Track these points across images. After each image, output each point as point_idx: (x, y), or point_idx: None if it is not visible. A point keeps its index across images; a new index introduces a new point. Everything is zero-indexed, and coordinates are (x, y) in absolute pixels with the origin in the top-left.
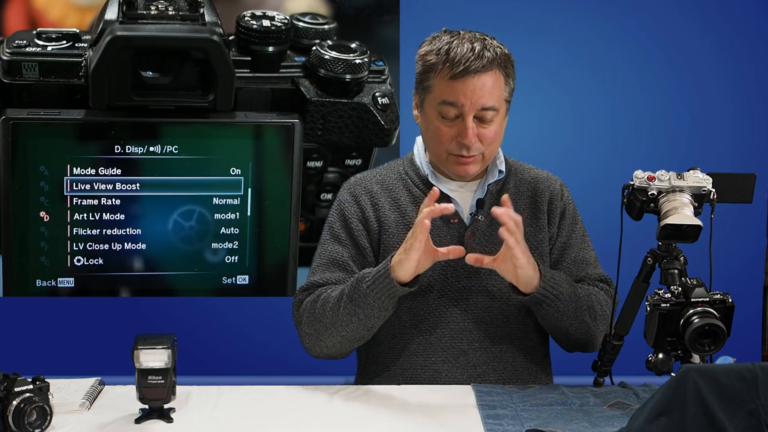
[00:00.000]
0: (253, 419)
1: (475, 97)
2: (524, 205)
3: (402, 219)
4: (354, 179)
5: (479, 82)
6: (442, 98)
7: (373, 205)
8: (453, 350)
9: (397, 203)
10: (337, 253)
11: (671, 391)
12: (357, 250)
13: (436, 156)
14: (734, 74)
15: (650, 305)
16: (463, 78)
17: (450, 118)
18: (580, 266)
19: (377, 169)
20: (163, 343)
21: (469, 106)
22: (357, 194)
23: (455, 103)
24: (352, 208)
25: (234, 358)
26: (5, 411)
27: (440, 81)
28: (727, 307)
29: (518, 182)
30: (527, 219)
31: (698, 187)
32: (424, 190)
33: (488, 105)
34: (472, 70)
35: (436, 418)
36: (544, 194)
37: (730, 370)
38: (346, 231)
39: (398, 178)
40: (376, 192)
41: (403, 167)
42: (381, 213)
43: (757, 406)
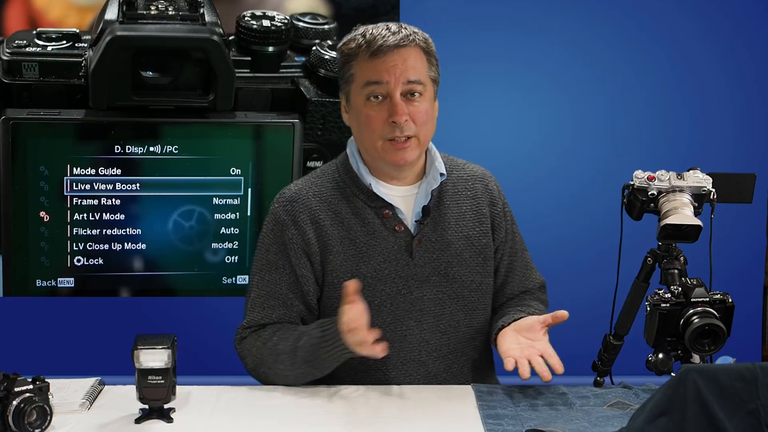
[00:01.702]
0: (253, 419)
1: (398, 72)
2: (466, 207)
3: (347, 234)
4: (289, 194)
5: (400, 57)
6: (366, 79)
7: (313, 224)
8: (413, 362)
9: (338, 218)
10: (274, 285)
11: (671, 391)
12: (295, 278)
13: (371, 149)
14: (734, 74)
15: (650, 305)
16: (383, 55)
17: (378, 101)
18: (527, 273)
19: (310, 178)
20: (163, 343)
21: (394, 81)
22: (296, 214)
23: (380, 81)
24: (290, 232)
25: (234, 358)
26: (5, 411)
27: (361, 64)
28: (727, 307)
29: (456, 181)
30: (470, 221)
31: (698, 187)
32: (365, 200)
33: (413, 78)
34: (391, 45)
35: (436, 418)
36: (484, 196)
37: (730, 370)
38: (284, 257)
39: (335, 188)
40: (316, 208)
41: (339, 175)
42: (323, 232)
43: (757, 406)
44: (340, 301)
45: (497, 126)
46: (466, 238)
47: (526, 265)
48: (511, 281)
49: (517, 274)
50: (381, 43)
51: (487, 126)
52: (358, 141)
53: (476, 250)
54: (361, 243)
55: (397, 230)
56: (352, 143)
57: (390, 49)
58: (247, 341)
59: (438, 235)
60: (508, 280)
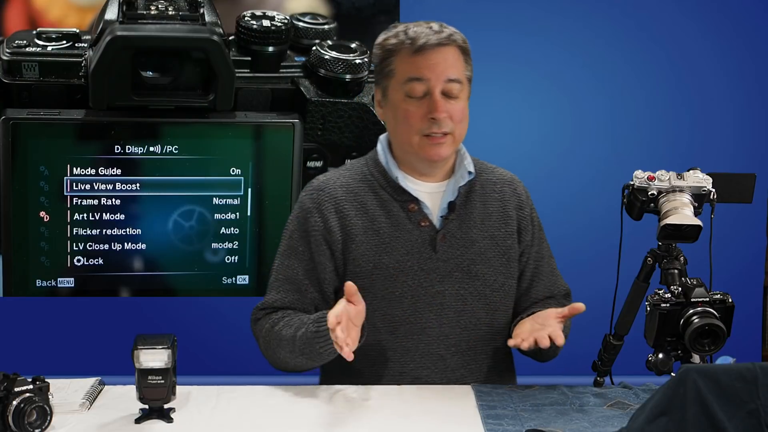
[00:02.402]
0: (253, 419)
1: (439, 70)
2: (493, 208)
3: (371, 225)
4: (317, 183)
5: (441, 56)
6: (407, 76)
7: (338, 213)
8: (431, 356)
9: (364, 208)
10: (292, 270)
11: (671, 391)
12: (313, 265)
13: (406, 144)
14: (734, 74)
15: (650, 305)
16: (426, 52)
17: (417, 97)
18: (553, 279)
19: (339, 170)
20: (163, 343)
21: (435, 78)
22: (321, 202)
23: (421, 78)
24: (313, 219)
25: (234, 358)
26: (5, 411)
27: (403, 60)
28: (727, 307)
29: (484, 183)
30: (496, 222)
31: (698, 187)
32: (391, 193)
33: (453, 77)
34: (434, 43)
35: (436, 418)
36: (512, 199)
37: (730, 370)
38: (304, 243)
39: (363, 180)
40: (341, 198)
41: (368, 168)
42: (347, 221)
43: (757, 406)
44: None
45: (497, 126)
46: (491, 237)
47: (552, 271)
48: (536, 286)
49: (542, 280)
50: (425, 41)
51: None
52: (393, 135)
53: (500, 251)
54: (384, 234)
55: (422, 224)
56: (383, 140)
57: (433, 47)
58: (259, 322)
59: (463, 232)
60: (533, 285)
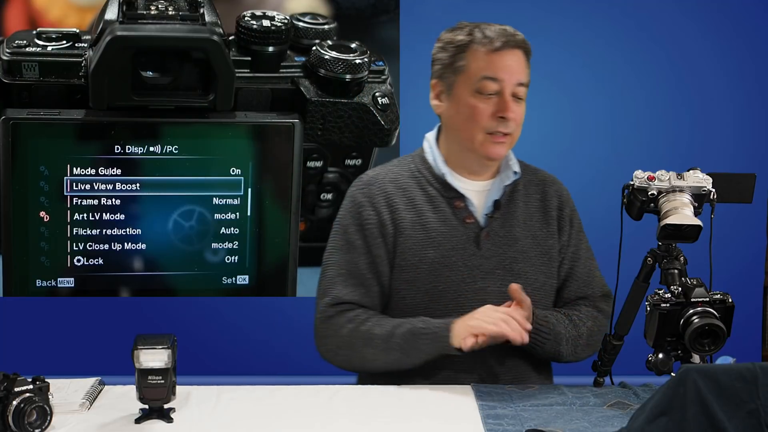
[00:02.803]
0: (253, 419)
1: (512, 71)
2: (534, 208)
3: (418, 219)
4: (367, 178)
5: (515, 58)
6: (482, 74)
7: (388, 206)
8: (471, 352)
9: (412, 202)
10: (354, 265)
11: (671, 391)
12: (371, 258)
13: (469, 139)
14: (734, 74)
15: (650, 305)
16: (502, 51)
17: (488, 94)
18: (588, 280)
19: (387, 166)
20: (163, 343)
21: (509, 79)
22: (372, 195)
23: (496, 78)
24: (367, 212)
25: (234, 358)
26: (5, 411)
27: (477, 58)
28: (727, 307)
29: (527, 184)
30: (538, 222)
31: (698, 187)
32: (439, 189)
33: (523, 80)
34: (511, 44)
35: (436, 418)
36: (553, 199)
37: (730, 370)
38: (361, 237)
39: (411, 176)
40: (391, 192)
41: (415, 165)
42: (397, 215)
43: (757, 406)
44: (406, 284)
45: None
46: (533, 237)
47: (588, 272)
48: (569, 286)
49: (576, 280)
50: (503, 41)
51: None
52: (453, 129)
53: (542, 250)
54: (431, 229)
55: (467, 221)
56: (430, 137)
57: (509, 48)
58: (335, 321)
59: (506, 230)
60: (566, 285)
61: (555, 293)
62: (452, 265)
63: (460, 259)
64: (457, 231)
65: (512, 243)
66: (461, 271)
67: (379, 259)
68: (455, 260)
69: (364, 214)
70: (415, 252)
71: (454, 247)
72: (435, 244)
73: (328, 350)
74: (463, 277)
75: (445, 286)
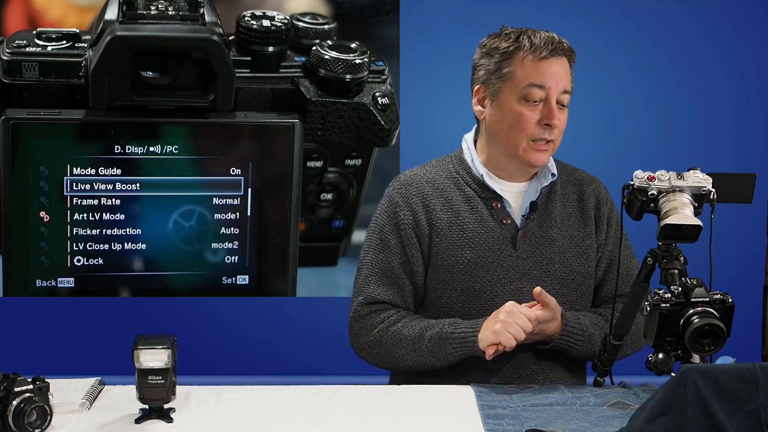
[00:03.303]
0: (253, 419)
1: (558, 79)
2: (572, 208)
3: (455, 219)
4: (404, 178)
5: (561, 65)
6: (529, 81)
7: (425, 207)
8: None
9: (449, 203)
10: (388, 264)
11: (671, 391)
12: (406, 258)
13: (512, 145)
14: (734, 74)
15: (650, 305)
16: (549, 59)
17: (534, 101)
18: (626, 279)
19: (425, 167)
20: (163, 343)
21: (555, 87)
22: (409, 196)
23: (543, 85)
24: (403, 213)
25: (234, 358)
26: (5, 411)
27: (524, 65)
28: (727, 307)
29: (564, 184)
30: (575, 222)
31: (698, 187)
32: (476, 190)
33: (568, 88)
34: (558, 51)
35: (436, 418)
36: (591, 198)
37: (730, 370)
38: (396, 237)
39: (448, 177)
40: (428, 193)
41: (453, 165)
42: (433, 215)
43: (757, 406)
44: (442, 283)
45: None
46: (570, 237)
47: (627, 271)
48: (606, 285)
49: (613, 279)
50: (551, 49)
51: None
52: (495, 135)
53: (579, 251)
54: (468, 229)
55: (504, 222)
56: (468, 138)
57: (556, 55)
58: (369, 320)
59: (543, 231)
60: (603, 283)
61: (592, 293)
62: (488, 266)
63: (496, 260)
64: (493, 232)
65: (549, 244)
66: (497, 272)
67: (414, 259)
68: (491, 261)
69: (400, 215)
70: (452, 252)
71: (490, 247)
72: (471, 244)
73: (362, 348)
74: (499, 277)
75: (481, 286)
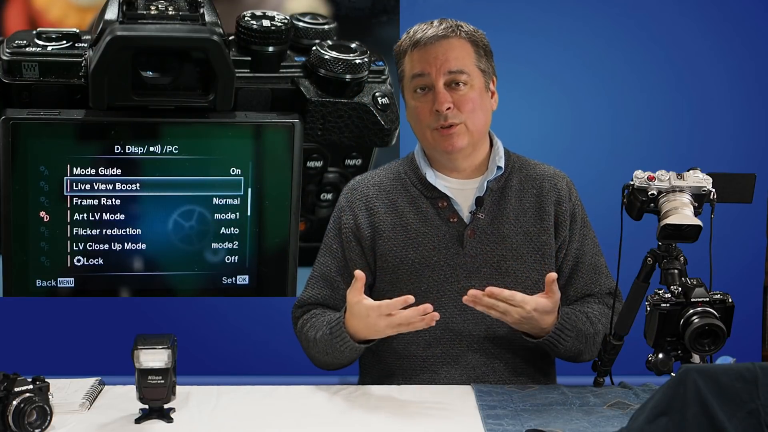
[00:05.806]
0: (253, 419)
1: (438, 63)
2: (529, 204)
3: (399, 221)
4: (352, 183)
5: (440, 48)
6: (412, 73)
7: (367, 210)
8: (452, 352)
9: (393, 205)
10: (326, 267)
11: (671, 391)
12: (345, 262)
13: (424, 140)
14: (734, 74)
15: (650, 305)
16: (425, 47)
17: (423, 93)
18: (594, 276)
19: (378, 169)
20: (163, 343)
21: (436, 72)
22: (352, 200)
23: (422, 73)
24: (345, 217)
25: (234, 358)
26: (5, 411)
27: (410, 59)
28: (727, 307)
29: (523, 179)
30: (531, 218)
31: (698, 187)
32: (422, 190)
33: (455, 68)
34: (431, 36)
35: (436, 418)
36: (550, 194)
37: (730, 370)
38: (337, 241)
39: (396, 178)
40: (372, 196)
41: (403, 167)
42: (376, 218)
43: (757, 406)
44: (389, 285)
45: (497, 126)
46: (525, 233)
47: (594, 269)
48: (574, 283)
49: (581, 277)
50: (421, 35)
51: None
52: (415, 133)
53: (534, 247)
54: (412, 230)
55: (451, 220)
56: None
57: (431, 40)
58: (297, 322)
59: (494, 228)
60: (570, 282)
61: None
62: (434, 265)
63: (442, 259)
64: (439, 231)
65: (500, 241)
66: (444, 271)
67: (352, 263)
68: (437, 260)
69: (343, 219)
70: (396, 254)
71: (435, 247)
72: (415, 244)
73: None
74: (446, 276)
75: (428, 287)
